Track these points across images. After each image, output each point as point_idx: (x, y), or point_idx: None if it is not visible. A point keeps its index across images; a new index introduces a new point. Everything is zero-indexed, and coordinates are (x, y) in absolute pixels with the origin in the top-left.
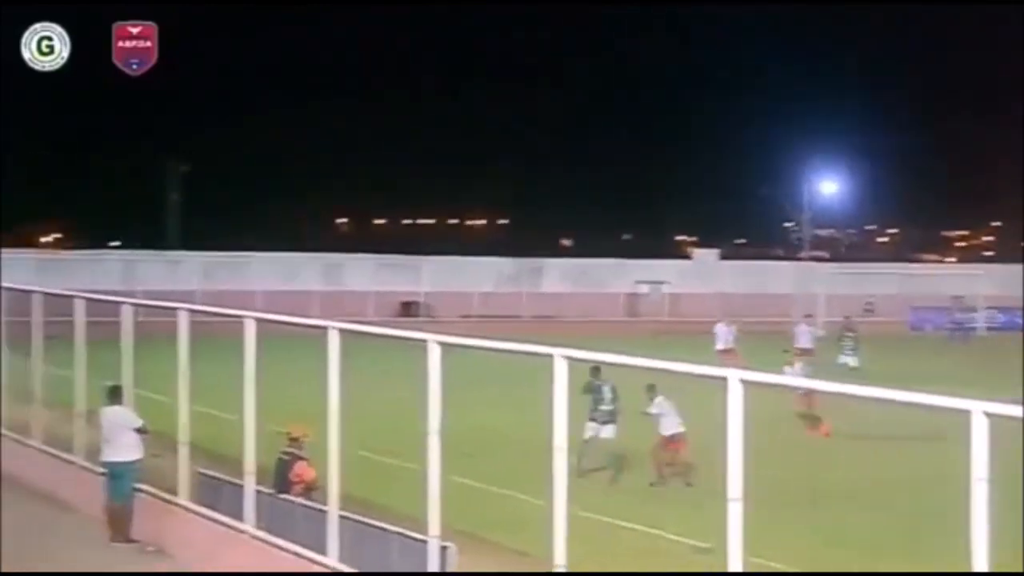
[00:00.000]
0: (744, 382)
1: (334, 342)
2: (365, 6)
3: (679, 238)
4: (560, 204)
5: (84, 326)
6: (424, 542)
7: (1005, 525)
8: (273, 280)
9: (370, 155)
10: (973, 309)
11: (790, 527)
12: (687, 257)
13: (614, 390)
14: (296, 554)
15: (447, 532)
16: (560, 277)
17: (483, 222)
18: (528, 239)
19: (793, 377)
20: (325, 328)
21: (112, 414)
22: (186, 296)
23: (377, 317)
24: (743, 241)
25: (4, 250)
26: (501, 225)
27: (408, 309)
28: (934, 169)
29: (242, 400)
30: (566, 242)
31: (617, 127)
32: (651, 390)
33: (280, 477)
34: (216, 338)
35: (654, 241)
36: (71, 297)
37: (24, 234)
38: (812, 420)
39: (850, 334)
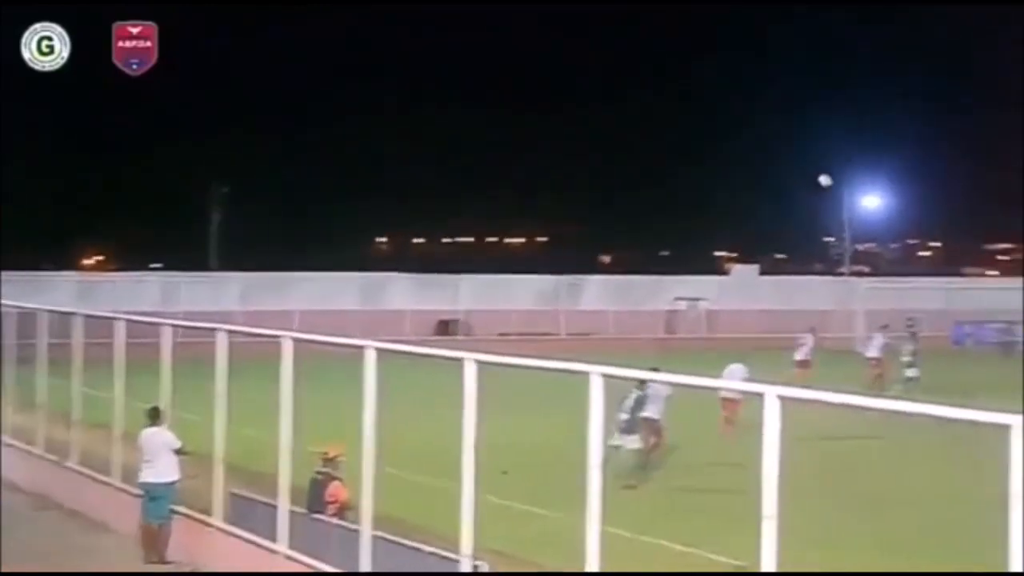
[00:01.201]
0: (782, 398)
1: (370, 361)
2: (401, 24)
3: (718, 254)
4: (598, 221)
5: (124, 347)
6: (457, 561)
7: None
8: (312, 300)
9: (409, 174)
10: (1018, 323)
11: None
12: (726, 273)
13: (638, 401)
14: (329, 574)
15: (481, 551)
16: (598, 294)
17: (522, 240)
18: (567, 256)
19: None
20: (362, 347)
21: (152, 435)
22: (226, 317)
23: (415, 336)
24: (783, 256)
25: (49, 273)
26: (540, 243)
27: (446, 328)
28: (976, 182)
29: (278, 420)
30: (605, 259)
31: (655, 143)
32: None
33: (314, 497)
34: (255, 359)
35: (693, 257)
36: (111, 319)
37: (66, 257)
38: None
39: (910, 347)
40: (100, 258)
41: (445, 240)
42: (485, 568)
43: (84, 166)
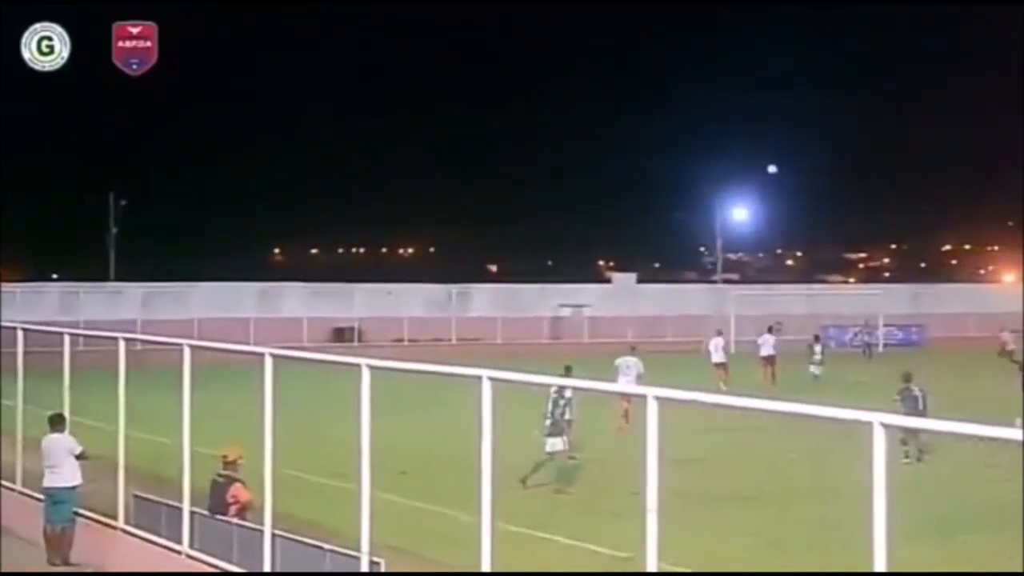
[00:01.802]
0: (660, 399)
1: (269, 368)
2: (294, 41)
3: (600, 263)
4: (485, 232)
5: (22, 356)
6: (356, 558)
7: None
8: (211, 309)
9: (305, 188)
10: (875, 327)
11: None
12: (608, 281)
13: (555, 403)
14: (231, 573)
15: (378, 548)
16: (487, 302)
17: (412, 250)
18: (456, 266)
19: (706, 394)
20: (261, 354)
21: (54, 441)
22: (126, 326)
23: (311, 343)
24: (658, 265)
25: None
26: (430, 253)
27: (341, 335)
28: (838, 196)
29: (179, 425)
30: (492, 268)
31: (539, 157)
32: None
33: (215, 499)
34: (156, 366)
35: (576, 266)
36: (12, 328)
37: None
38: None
39: (817, 347)
40: None
41: (339, 250)
42: (382, 564)
43: None
